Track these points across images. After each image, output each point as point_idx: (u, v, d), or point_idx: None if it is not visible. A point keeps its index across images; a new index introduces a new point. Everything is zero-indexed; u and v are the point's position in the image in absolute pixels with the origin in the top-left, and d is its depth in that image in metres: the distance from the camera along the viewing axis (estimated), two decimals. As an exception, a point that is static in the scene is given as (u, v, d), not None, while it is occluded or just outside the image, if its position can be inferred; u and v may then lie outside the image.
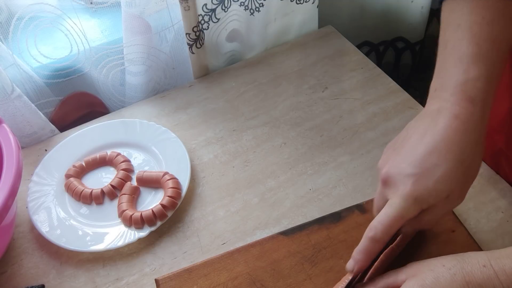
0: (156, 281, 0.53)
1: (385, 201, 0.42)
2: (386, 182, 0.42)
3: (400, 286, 0.41)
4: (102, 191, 0.62)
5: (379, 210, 0.42)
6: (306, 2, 0.81)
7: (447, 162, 0.38)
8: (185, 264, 0.56)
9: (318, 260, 0.53)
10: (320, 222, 0.56)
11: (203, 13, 0.71)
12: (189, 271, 0.53)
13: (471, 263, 0.38)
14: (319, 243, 0.54)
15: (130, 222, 0.58)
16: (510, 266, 0.36)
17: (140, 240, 0.57)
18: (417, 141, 0.40)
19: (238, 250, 0.54)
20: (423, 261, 0.42)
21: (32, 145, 0.71)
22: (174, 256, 0.57)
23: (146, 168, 0.66)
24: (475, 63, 0.39)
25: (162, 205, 0.58)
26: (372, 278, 0.45)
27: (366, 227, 0.54)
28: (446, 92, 0.40)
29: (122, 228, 0.58)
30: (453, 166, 0.38)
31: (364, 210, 0.57)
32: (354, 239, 0.54)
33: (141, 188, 0.63)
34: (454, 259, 0.40)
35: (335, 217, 0.56)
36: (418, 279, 0.39)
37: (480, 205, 0.58)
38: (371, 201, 0.58)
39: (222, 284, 0.52)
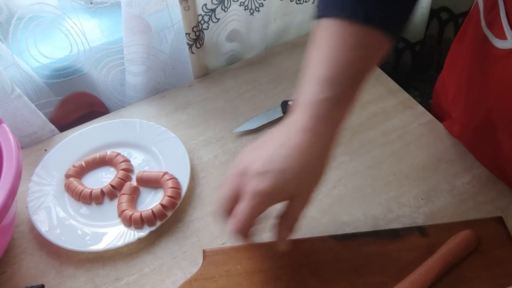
0: (204, 252, 0.53)
1: (237, 191, 0.45)
2: (243, 174, 0.45)
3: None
4: (102, 191, 0.62)
5: (229, 200, 0.46)
6: (306, 2, 0.81)
7: (296, 168, 0.43)
8: (185, 264, 0.56)
9: (364, 273, 0.51)
10: (375, 235, 0.54)
11: (203, 13, 0.71)
12: (236, 250, 0.53)
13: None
14: (369, 255, 0.52)
15: (130, 222, 0.58)
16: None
17: (139, 240, 0.57)
18: (274, 146, 0.44)
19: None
20: None
21: (32, 145, 0.71)
22: (174, 256, 0.57)
23: (146, 168, 0.66)
24: (328, 86, 0.43)
25: (161, 205, 0.58)
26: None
27: (423, 251, 0.51)
28: (302, 108, 0.44)
29: (121, 228, 0.58)
30: (300, 173, 0.43)
31: (425, 233, 0.54)
32: (407, 261, 0.51)
33: (141, 188, 0.63)
34: None
35: (392, 234, 0.54)
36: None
37: (480, 205, 0.58)
38: (435, 226, 0.55)
39: (263, 271, 0.51)
